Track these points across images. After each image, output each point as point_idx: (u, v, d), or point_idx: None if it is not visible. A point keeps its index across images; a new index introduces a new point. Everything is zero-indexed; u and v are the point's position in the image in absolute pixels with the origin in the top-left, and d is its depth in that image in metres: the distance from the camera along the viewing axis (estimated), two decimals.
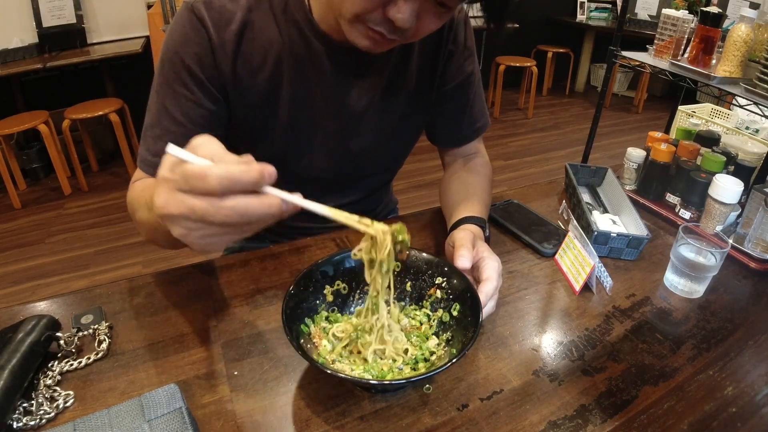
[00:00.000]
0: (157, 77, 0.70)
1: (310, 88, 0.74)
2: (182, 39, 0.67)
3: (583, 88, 5.10)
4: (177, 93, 0.68)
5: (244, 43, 0.69)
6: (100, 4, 3.20)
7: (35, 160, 3.09)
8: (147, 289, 0.71)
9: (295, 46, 0.71)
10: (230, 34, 0.68)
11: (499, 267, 0.64)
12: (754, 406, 0.56)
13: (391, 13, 0.56)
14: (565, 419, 0.53)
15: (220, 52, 0.68)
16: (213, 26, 0.67)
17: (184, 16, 0.67)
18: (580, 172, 1.03)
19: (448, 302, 0.62)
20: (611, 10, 4.58)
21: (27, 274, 2.27)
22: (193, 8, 0.67)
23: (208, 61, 0.68)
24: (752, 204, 0.82)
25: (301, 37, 0.71)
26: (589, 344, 0.64)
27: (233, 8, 0.68)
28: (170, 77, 0.68)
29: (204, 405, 0.53)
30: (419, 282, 0.65)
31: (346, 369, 0.56)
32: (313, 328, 0.59)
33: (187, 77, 0.68)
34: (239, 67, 0.70)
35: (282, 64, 0.72)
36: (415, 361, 0.57)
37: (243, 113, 0.74)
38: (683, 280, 0.73)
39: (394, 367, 0.56)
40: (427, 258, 0.65)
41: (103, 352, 0.59)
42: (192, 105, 0.69)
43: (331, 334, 0.59)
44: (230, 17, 0.68)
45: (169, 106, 0.69)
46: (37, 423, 0.50)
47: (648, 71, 1.57)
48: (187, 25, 0.67)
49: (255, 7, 0.69)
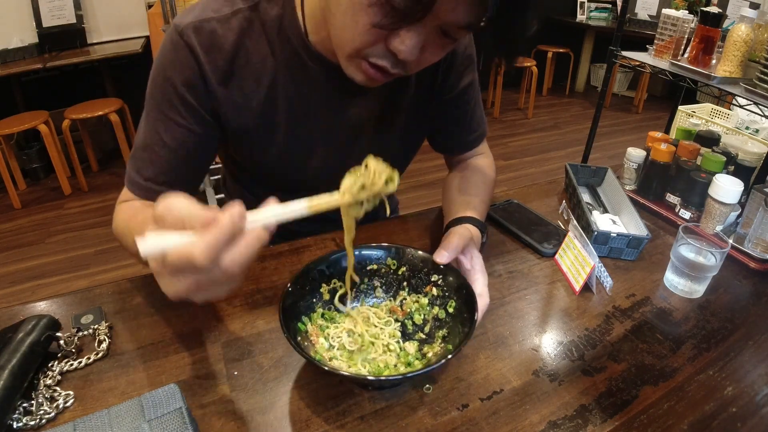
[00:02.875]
0: (149, 100, 0.68)
1: (307, 108, 0.73)
2: (172, 65, 0.65)
3: (583, 88, 5.10)
4: (168, 118, 0.67)
5: (237, 68, 0.67)
6: (100, 4, 3.20)
7: (35, 160, 3.10)
8: (147, 289, 0.70)
9: (290, 68, 0.69)
10: (222, 60, 0.66)
11: (485, 281, 0.65)
12: (754, 406, 0.56)
13: (394, 45, 0.53)
14: (565, 419, 0.53)
15: (212, 78, 0.66)
16: (203, 53, 0.64)
17: (173, 41, 0.65)
18: (580, 172, 1.03)
19: (444, 299, 0.62)
20: (611, 10, 4.58)
21: (27, 274, 2.27)
22: (181, 34, 0.64)
23: (199, 88, 0.66)
24: (752, 204, 0.82)
25: (296, 59, 0.69)
26: (589, 344, 0.64)
27: (224, 32, 0.65)
28: (161, 102, 0.67)
29: (204, 405, 0.53)
30: (415, 280, 0.66)
31: (343, 366, 0.56)
32: (310, 327, 0.60)
33: (178, 103, 0.66)
34: (233, 92, 0.68)
35: (277, 86, 0.70)
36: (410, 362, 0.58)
37: (238, 135, 0.73)
38: (683, 280, 0.73)
39: (390, 364, 0.57)
40: (422, 256, 0.65)
41: (103, 352, 0.59)
42: (183, 131, 0.68)
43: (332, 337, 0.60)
44: (221, 42, 0.65)
45: (160, 131, 0.67)
46: (37, 423, 0.50)
47: (648, 71, 1.57)
48: (176, 51, 0.64)
49: (247, 30, 0.66)
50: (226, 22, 0.65)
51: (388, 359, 0.58)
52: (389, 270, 0.66)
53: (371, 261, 0.66)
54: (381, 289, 0.67)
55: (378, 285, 0.67)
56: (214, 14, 0.65)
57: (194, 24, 0.64)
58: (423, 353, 0.59)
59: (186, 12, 0.66)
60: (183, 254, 0.38)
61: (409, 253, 0.66)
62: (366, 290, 0.67)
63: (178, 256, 0.38)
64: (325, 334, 0.60)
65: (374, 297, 0.67)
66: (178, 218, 0.40)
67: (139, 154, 0.70)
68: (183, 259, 0.38)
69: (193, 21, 0.64)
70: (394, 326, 0.62)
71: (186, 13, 0.66)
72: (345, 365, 0.57)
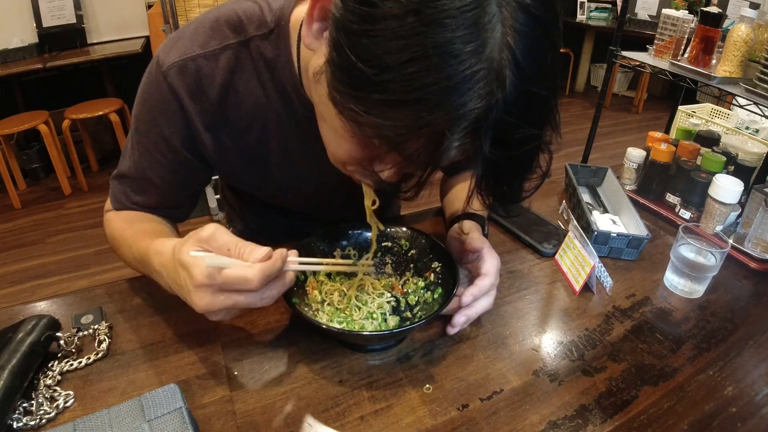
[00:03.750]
0: (134, 131, 0.66)
1: (301, 150, 0.69)
2: (157, 106, 0.62)
3: (583, 88, 5.10)
4: (153, 157, 0.65)
5: (226, 110, 0.63)
6: (100, 4, 3.20)
7: (35, 160, 3.10)
8: (147, 289, 0.70)
9: (282, 112, 0.65)
10: (209, 103, 0.62)
11: (498, 264, 0.64)
12: (754, 406, 0.56)
13: (377, 167, 0.49)
14: (565, 419, 0.53)
15: (198, 124, 0.63)
16: (188, 99, 0.60)
17: (158, 81, 0.60)
18: (580, 172, 1.03)
19: (436, 285, 0.67)
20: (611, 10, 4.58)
21: (27, 274, 2.28)
22: (165, 75, 0.59)
23: (185, 133, 0.63)
24: (752, 204, 0.82)
25: (287, 104, 0.64)
26: (589, 344, 0.64)
27: (211, 70, 0.60)
28: (145, 139, 0.64)
29: (204, 405, 0.53)
30: (420, 264, 0.71)
31: (323, 318, 0.63)
32: (310, 278, 0.67)
33: (162, 146, 0.64)
34: (222, 136, 0.65)
35: (269, 129, 0.66)
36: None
37: (231, 172, 0.72)
38: (683, 280, 0.73)
39: (366, 329, 0.62)
40: (431, 242, 0.70)
41: (103, 352, 0.59)
42: (169, 171, 0.66)
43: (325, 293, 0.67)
44: (208, 82, 0.60)
45: (145, 167, 0.66)
46: (37, 423, 0.50)
47: (648, 71, 1.57)
48: (161, 93, 0.61)
49: (236, 68, 0.61)
50: (214, 58, 0.60)
51: (366, 324, 0.63)
52: (401, 250, 0.72)
53: (387, 238, 0.73)
54: (391, 266, 0.73)
55: (389, 261, 0.73)
56: (201, 50, 0.59)
57: (178, 64, 0.59)
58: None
59: (171, 44, 0.61)
60: (242, 274, 0.46)
61: (421, 238, 0.71)
62: (377, 264, 0.72)
63: (237, 274, 0.46)
64: (320, 288, 0.67)
65: (384, 272, 0.72)
66: (224, 244, 0.48)
67: (127, 181, 0.69)
68: (241, 278, 0.46)
69: (177, 60, 0.59)
70: (385, 299, 0.67)
71: (171, 46, 0.61)
72: (325, 318, 0.63)
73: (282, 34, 0.60)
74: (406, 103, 0.37)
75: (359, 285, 0.68)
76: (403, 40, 0.35)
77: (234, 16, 0.60)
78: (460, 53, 0.35)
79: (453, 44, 0.35)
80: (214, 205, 2.65)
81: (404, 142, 0.40)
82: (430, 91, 0.36)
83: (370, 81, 0.37)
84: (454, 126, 0.37)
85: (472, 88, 0.36)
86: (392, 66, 0.36)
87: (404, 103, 0.37)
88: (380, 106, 0.38)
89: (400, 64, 0.36)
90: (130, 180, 0.68)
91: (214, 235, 0.49)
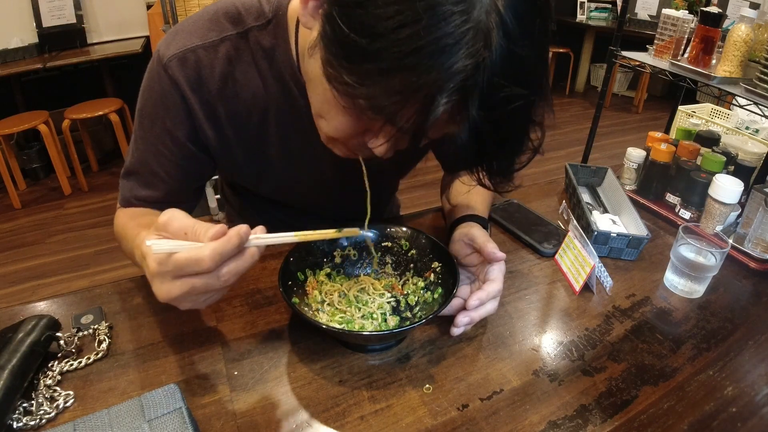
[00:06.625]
0: (138, 125, 0.66)
1: (300, 140, 0.70)
2: (160, 100, 0.63)
3: (583, 88, 5.10)
4: (157, 151, 0.66)
5: (226, 101, 0.64)
6: (100, 4, 3.20)
7: (35, 160, 3.10)
8: (147, 289, 0.70)
9: (282, 103, 0.66)
10: (209, 94, 0.62)
11: (504, 270, 0.64)
12: (754, 406, 0.56)
13: (370, 142, 0.50)
14: (565, 419, 0.53)
15: (200, 114, 0.63)
16: (189, 89, 0.61)
17: (159, 74, 0.61)
18: (580, 172, 1.03)
19: (436, 285, 0.67)
20: (611, 10, 4.58)
21: (27, 274, 2.28)
22: (166, 67, 0.60)
23: (188, 124, 0.64)
24: (752, 204, 0.82)
25: (287, 93, 0.65)
26: (589, 344, 0.64)
27: (210, 61, 0.61)
28: (150, 133, 0.65)
29: (204, 405, 0.53)
30: (421, 263, 0.70)
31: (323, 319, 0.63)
32: (311, 278, 0.67)
33: (167, 138, 0.65)
34: (222, 127, 0.66)
35: (268, 117, 0.67)
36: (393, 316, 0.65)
37: (232, 165, 0.72)
38: (683, 280, 0.73)
39: (365, 329, 0.62)
40: (431, 242, 0.70)
41: (103, 352, 0.59)
42: (174, 164, 0.67)
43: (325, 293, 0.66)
44: (208, 73, 0.61)
45: (150, 161, 0.67)
46: (37, 423, 0.50)
47: (648, 71, 1.57)
48: (162, 85, 0.62)
49: (236, 59, 0.62)
50: (213, 49, 0.61)
51: (366, 324, 0.63)
52: (401, 250, 0.72)
53: (387, 238, 0.72)
54: (391, 266, 0.72)
55: (389, 262, 0.72)
56: (200, 41, 0.61)
57: (178, 56, 0.60)
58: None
59: (171, 37, 0.62)
60: (191, 256, 0.43)
61: (421, 237, 0.71)
62: (378, 264, 0.72)
63: (186, 256, 0.43)
64: (320, 288, 0.66)
65: (384, 272, 0.72)
66: (180, 228, 0.45)
67: (133, 178, 0.69)
68: (191, 260, 0.43)
69: (177, 52, 0.60)
70: (386, 299, 0.67)
71: (171, 39, 0.62)
72: (325, 318, 0.63)
73: (280, 24, 0.61)
74: (399, 69, 0.38)
75: (359, 285, 0.68)
76: (395, 6, 0.36)
77: (233, 9, 0.62)
78: (450, 14, 0.36)
79: (443, 6, 0.36)
80: (214, 205, 2.65)
81: (397, 111, 0.41)
82: (422, 54, 0.37)
83: (364, 50, 0.38)
84: (444, 87, 0.38)
85: (462, 48, 0.37)
86: (384, 33, 0.37)
87: (397, 69, 0.38)
88: (374, 75, 0.39)
89: (392, 30, 0.37)
90: (136, 175, 0.69)
91: (170, 220, 0.46)
